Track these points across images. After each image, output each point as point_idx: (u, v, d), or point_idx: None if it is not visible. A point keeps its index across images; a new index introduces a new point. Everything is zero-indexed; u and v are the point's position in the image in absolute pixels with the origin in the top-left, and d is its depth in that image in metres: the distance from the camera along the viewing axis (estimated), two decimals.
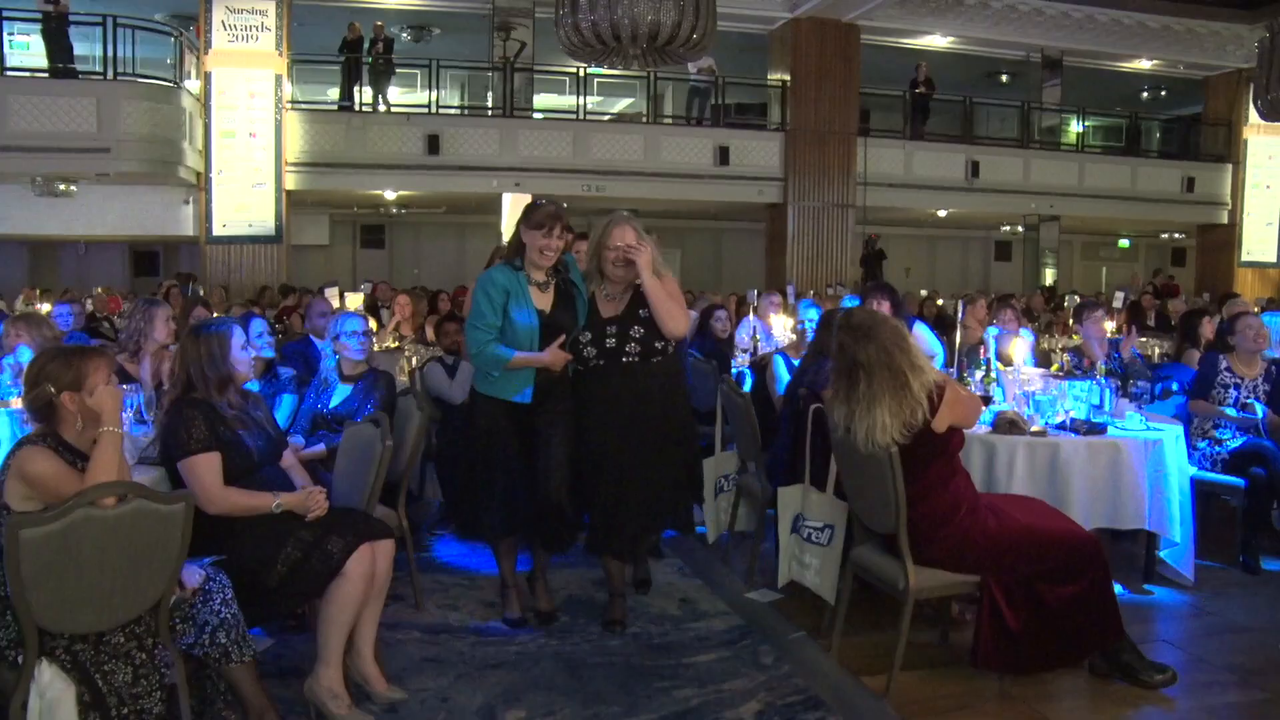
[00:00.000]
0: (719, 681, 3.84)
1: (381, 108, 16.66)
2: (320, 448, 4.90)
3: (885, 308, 5.54)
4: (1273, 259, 20.97)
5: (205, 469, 3.49)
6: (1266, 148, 20.65)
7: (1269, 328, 6.14)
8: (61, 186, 14.82)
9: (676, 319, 4.31)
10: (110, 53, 13.72)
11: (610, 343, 4.33)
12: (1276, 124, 17.03)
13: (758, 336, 7.77)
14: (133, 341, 5.38)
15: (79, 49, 14.28)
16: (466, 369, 6.06)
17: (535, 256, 4.30)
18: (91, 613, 2.85)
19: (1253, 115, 17.01)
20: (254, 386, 5.03)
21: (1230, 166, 20.76)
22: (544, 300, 4.34)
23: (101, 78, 13.82)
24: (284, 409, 5.18)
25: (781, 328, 8.02)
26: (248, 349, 3.79)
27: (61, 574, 2.74)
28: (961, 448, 3.86)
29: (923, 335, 6.56)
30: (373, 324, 7.50)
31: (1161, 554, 4.96)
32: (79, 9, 14.24)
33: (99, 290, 13.41)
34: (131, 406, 4.37)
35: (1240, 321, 5.87)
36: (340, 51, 16.45)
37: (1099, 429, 4.64)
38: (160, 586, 2.95)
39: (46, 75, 13.82)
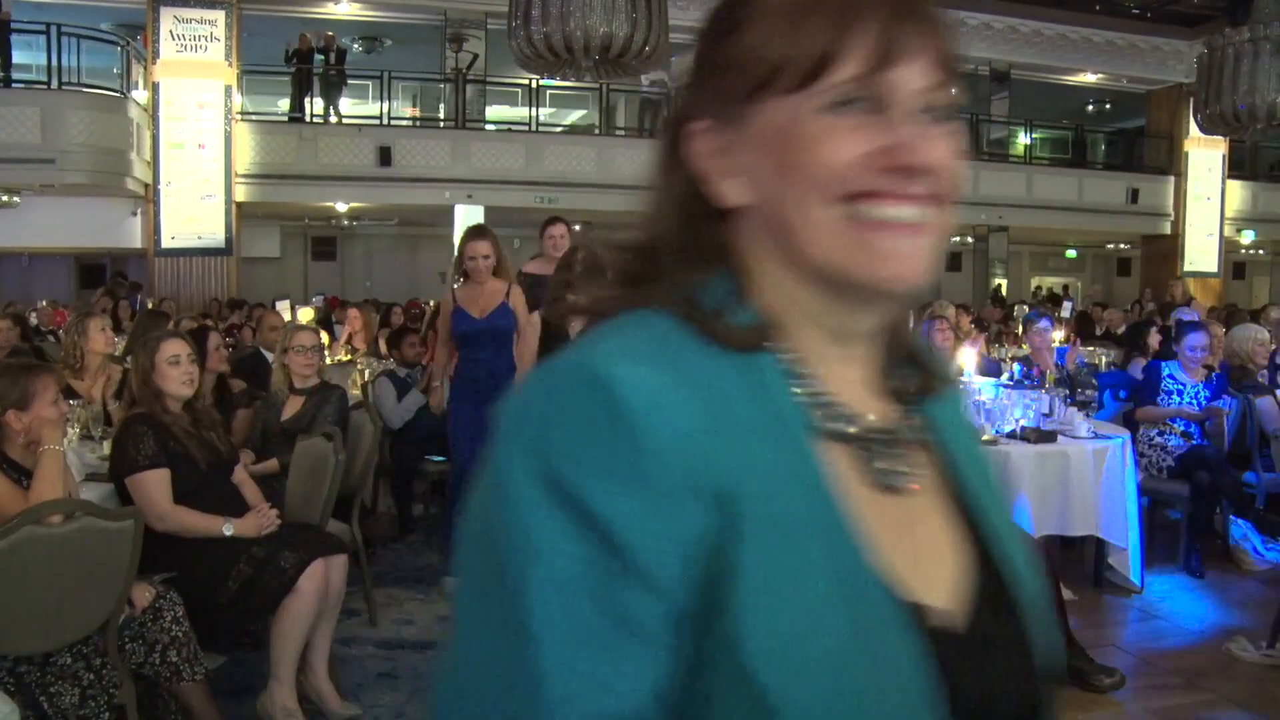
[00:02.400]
0: None
1: (333, 119, 16.52)
2: (273, 462, 4.84)
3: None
4: (1214, 269, 21.37)
5: (154, 485, 3.44)
6: (1206, 160, 21.03)
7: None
8: (5, 197, 14.55)
9: None
10: (55, 62, 13.49)
11: None
12: (1216, 137, 17.43)
13: None
14: (72, 357, 5.25)
15: (22, 58, 14.03)
16: (416, 394, 6.04)
17: None
18: (38, 633, 2.80)
19: (1193, 129, 17.29)
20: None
21: (1172, 179, 21.12)
22: None
23: (46, 87, 13.58)
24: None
25: None
26: (178, 361, 3.69)
27: (6, 594, 2.68)
28: None
29: None
30: (325, 338, 7.43)
31: (1109, 560, 5.05)
32: (21, 17, 13.99)
33: (44, 303, 13.17)
34: (74, 423, 4.30)
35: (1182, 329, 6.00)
36: (290, 62, 16.31)
37: (1049, 437, 4.71)
38: (109, 605, 2.90)
39: None
